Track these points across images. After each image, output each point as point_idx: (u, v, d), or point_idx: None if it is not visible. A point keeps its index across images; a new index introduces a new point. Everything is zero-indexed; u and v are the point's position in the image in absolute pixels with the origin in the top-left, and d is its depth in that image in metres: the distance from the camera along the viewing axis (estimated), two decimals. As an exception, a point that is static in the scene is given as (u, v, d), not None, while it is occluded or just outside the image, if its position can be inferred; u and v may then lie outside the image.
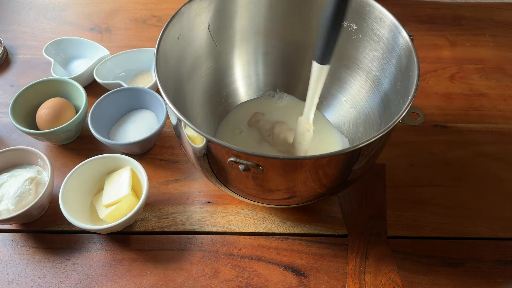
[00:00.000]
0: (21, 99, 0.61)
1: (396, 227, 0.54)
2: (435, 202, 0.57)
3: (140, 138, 0.56)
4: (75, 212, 0.50)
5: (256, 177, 0.42)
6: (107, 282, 0.49)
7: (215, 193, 0.57)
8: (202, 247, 0.52)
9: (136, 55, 0.70)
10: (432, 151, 0.62)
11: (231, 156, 0.39)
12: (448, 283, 0.49)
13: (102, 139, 0.57)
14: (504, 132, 0.64)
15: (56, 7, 0.85)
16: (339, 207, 0.56)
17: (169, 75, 0.49)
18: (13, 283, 0.49)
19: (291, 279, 0.50)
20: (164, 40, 0.48)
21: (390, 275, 0.50)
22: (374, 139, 0.39)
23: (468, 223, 0.55)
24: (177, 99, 0.53)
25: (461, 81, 0.71)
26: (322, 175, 0.42)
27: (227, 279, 0.50)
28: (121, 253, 0.52)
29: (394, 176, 0.59)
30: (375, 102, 0.55)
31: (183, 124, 0.41)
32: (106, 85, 0.67)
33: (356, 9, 0.52)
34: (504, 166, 0.60)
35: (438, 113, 0.67)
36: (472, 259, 0.52)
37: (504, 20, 0.82)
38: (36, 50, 0.74)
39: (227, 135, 0.59)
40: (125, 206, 0.51)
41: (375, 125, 0.54)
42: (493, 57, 0.75)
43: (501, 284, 0.50)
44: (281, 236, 0.53)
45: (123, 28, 0.81)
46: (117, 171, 0.54)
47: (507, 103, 0.68)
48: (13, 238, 0.53)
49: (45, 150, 0.62)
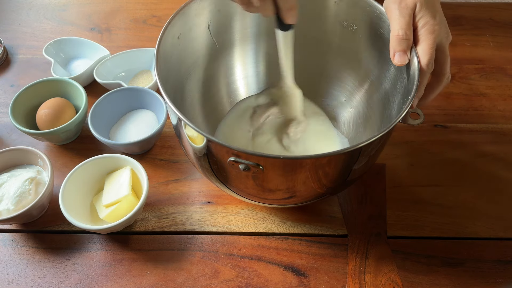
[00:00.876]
0: (21, 99, 0.61)
1: (396, 227, 0.54)
2: (435, 202, 0.57)
3: (140, 138, 0.56)
4: (75, 212, 0.50)
5: (256, 176, 0.42)
6: (107, 282, 0.49)
7: (215, 193, 0.57)
8: (202, 247, 0.52)
9: (136, 55, 0.70)
10: (432, 151, 0.62)
11: (231, 155, 0.39)
12: (448, 283, 0.49)
13: (102, 139, 0.57)
14: (504, 132, 0.64)
15: (56, 7, 0.85)
16: (339, 207, 0.56)
17: (169, 75, 0.49)
18: (13, 283, 0.49)
19: (291, 279, 0.50)
20: (164, 40, 0.48)
21: (390, 275, 0.50)
22: (374, 139, 0.39)
23: (468, 223, 0.55)
24: (177, 98, 0.53)
25: (461, 81, 0.71)
26: (322, 175, 0.42)
27: (227, 279, 0.50)
28: (121, 253, 0.52)
29: (394, 176, 0.59)
30: (375, 102, 0.55)
31: (183, 124, 0.41)
32: (106, 85, 0.66)
33: (356, 9, 0.52)
34: (504, 166, 0.60)
35: (438, 113, 0.67)
36: (472, 259, 0.52)
37: (504, 20, 0.82)
38: (36, 50, 0.74)
39: (227, 134, 0.59)
40: (125, 206, 0.51)
41: (375, 125, 0.54)
42: (493, 57, 0.75)
43: (501, 284, 0.50)
44: (281, 236, 0.53)
45: (123, 28, 0.81)
46: (117, 171, 0.54)
47: (507, 103, 0.68)
48: (13, 238, 0.53)
49: (45, 150, 0.62)
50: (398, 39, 0.44)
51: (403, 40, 0.44)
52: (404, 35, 0.44)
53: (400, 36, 0.44)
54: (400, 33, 0.44)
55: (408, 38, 0.44)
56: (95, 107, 0.60)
